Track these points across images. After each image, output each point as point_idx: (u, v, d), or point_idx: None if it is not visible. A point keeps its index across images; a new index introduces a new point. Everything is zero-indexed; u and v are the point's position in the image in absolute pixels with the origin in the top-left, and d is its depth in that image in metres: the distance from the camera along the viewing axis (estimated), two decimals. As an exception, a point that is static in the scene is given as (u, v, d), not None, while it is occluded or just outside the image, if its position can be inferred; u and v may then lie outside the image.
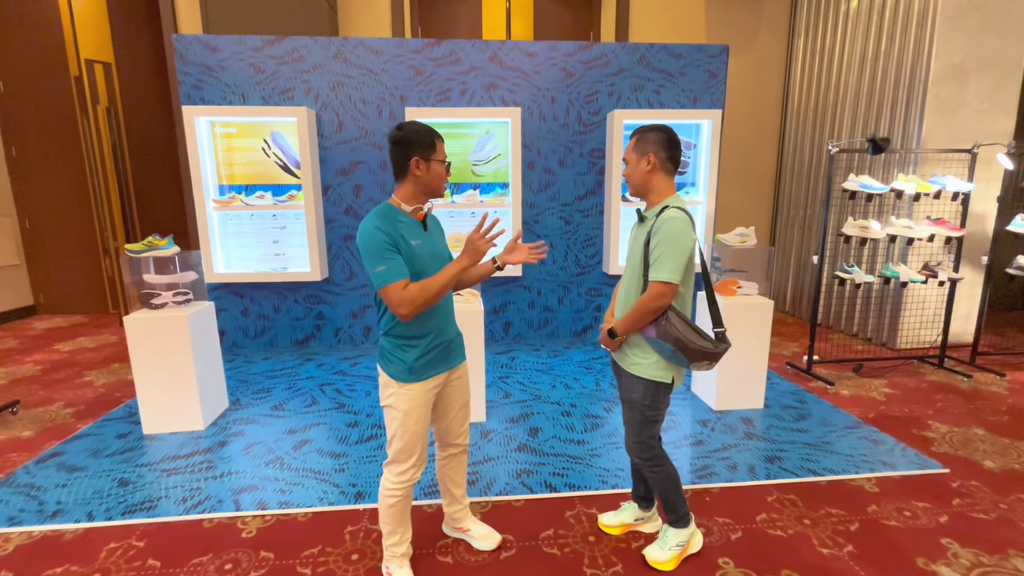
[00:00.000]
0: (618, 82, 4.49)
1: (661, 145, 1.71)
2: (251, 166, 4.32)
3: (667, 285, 1.63)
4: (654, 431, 1.85)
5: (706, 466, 2.59)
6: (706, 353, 1.68)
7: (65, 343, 4.93)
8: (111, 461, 2.66)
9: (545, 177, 4.58)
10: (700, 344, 1.67)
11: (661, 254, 1.64)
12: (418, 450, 1.74)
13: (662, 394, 1.80)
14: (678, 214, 1.65)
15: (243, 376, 3.88)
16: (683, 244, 1.64)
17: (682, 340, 1.66)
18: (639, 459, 1.88)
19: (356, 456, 2.69)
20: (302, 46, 4.21)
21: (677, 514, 1.92)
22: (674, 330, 1.66)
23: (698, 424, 3.06)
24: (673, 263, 1.63)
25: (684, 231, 1.64)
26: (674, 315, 1.68)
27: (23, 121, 5.78)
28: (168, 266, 3.02)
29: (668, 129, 1.74)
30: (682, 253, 1.64)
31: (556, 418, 3.14)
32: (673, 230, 1.63)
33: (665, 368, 1.76)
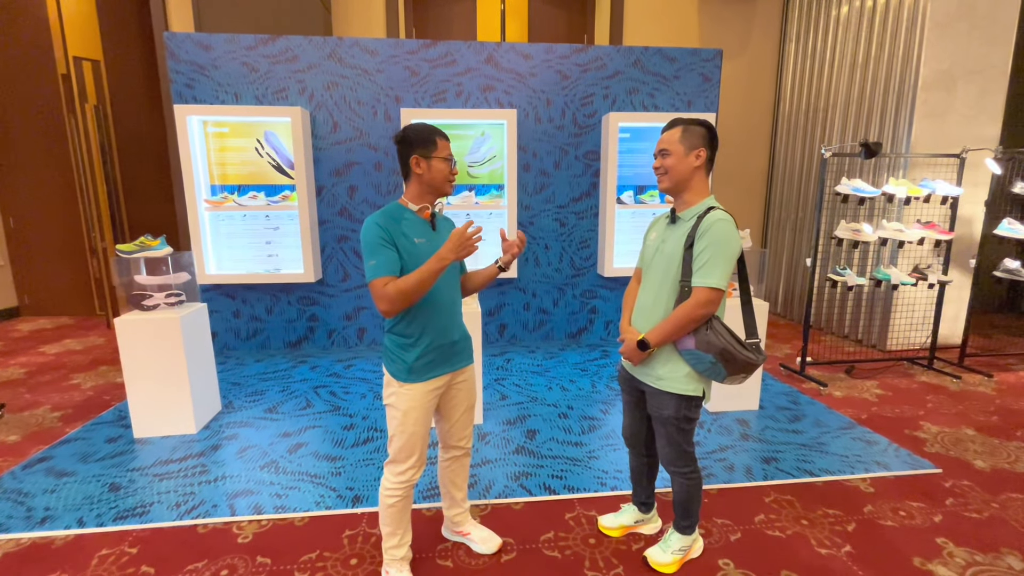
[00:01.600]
0: (613, 85, 4.51)
1: (707, 142, 1.64)
2: (244, 166, 4.27)
3: (716, 291, 1.54)
4: (690, 440, 1.78)
5: (703, 467, 2.60)
6: (748, 365, 1.61)
7: (51, 345, 4.84)
8: (101, 466, 2.61)
9: (540, 179, 4.58)
10: (745, 355, 1.59)
11: (710, 258, 1.55)
12: (418, 450, 1.72)
13: (694, 407, 1.72)
14: (726, 216, 1.59)
15: (235, 379, 3.83)
16: (733, 249, 1.57)
17: (729, 351, 1.57)
18: (674, 469, 1.80)
19: (353, 459, 2.67)
20: (296, 45, 4.17)
21: (689, 521, 1.91)
22: (719, 340, 1.57)
23: (694, 425, 3.07)
24: (723, 268, 1.55)
25: (734, 235, 1.57)
26: (719, 324, 1.59)
27: (8, 119, 5.67)
28: (160, 267, 2.97)
29: (712, 126, 1.67)
30: (731, 259, 1.57)
31: (553, 420, 3.14)
32: (723, 234, 1.55)
33: (696, 381, 1.68)
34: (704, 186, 1.67)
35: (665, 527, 2.11)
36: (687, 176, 1.64)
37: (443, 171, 1.66)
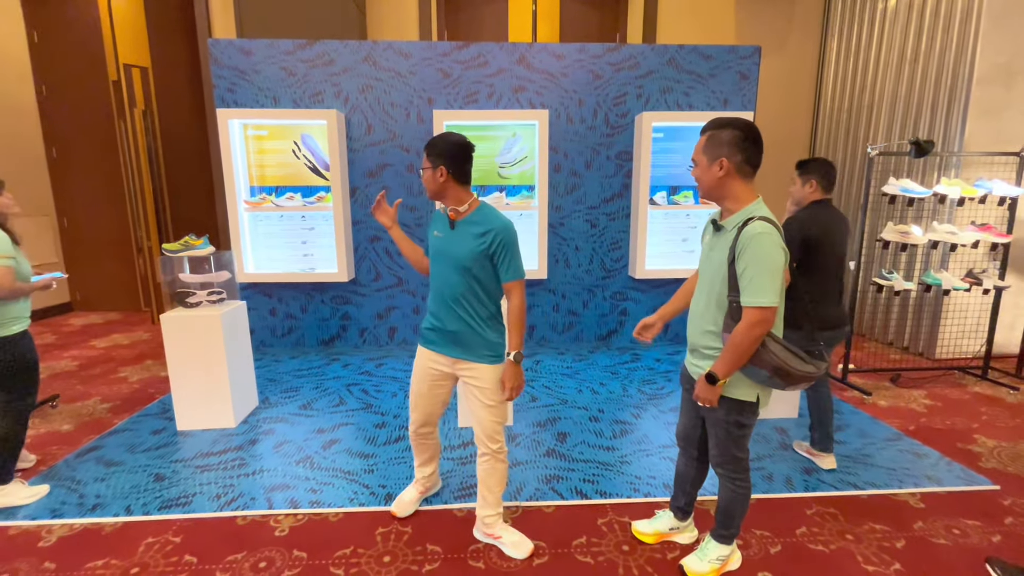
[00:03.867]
0: (646, 84, 4.44)
1: (736, 146, 1.51)
2: (281, 168, 4.38)
3: (767, 310, 1.47)
4: (743, 447, 1.72)
5: (740, 476, 2.52)
6: (808, 377, 1.54)
7: (100, 339, 5.07)
8: (147, 456, 2.71)
9: (571, 180, 4.55)
10: (803, 369, 1.52)
11: (754, 277, 1.48)
12: (416, 408, 2.09)
13: (748, 412, 1.66)
14: (765, 228, 1.47)
15: (271, 375, 3.93)
16: (776, 262, 1.48)
17: (784, 368, 1.50)
18: (723, 471, 1.77)
19: (385, 457, 2.70)
20: (332, 50, 4.26)
21: (729, 531, 1.86)
22: (773, 358, 1.51)
23: (730, 432, 2.98)
24: (768, 284, 1.46)
25: (773, 248, 1.47)
26: (772, 341, 1.52)
27: (63, 124, 5.98)
28: (203, 266, 3.07)
29: (745, 124, 1.52)
30: (776, 272, 1.48)
31: (584, 423, 3.11)
32: (762, 249, 1.46)
33: (750, 386, 1.62)
34: (744, 192, 1.57)
35: (702, 536, 2.05)
36: (715, 186, 1.58)
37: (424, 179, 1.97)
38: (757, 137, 1.54)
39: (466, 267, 1.86)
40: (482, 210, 1.90)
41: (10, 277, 2.17)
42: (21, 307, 2.32)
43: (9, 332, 2.24)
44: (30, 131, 5.88)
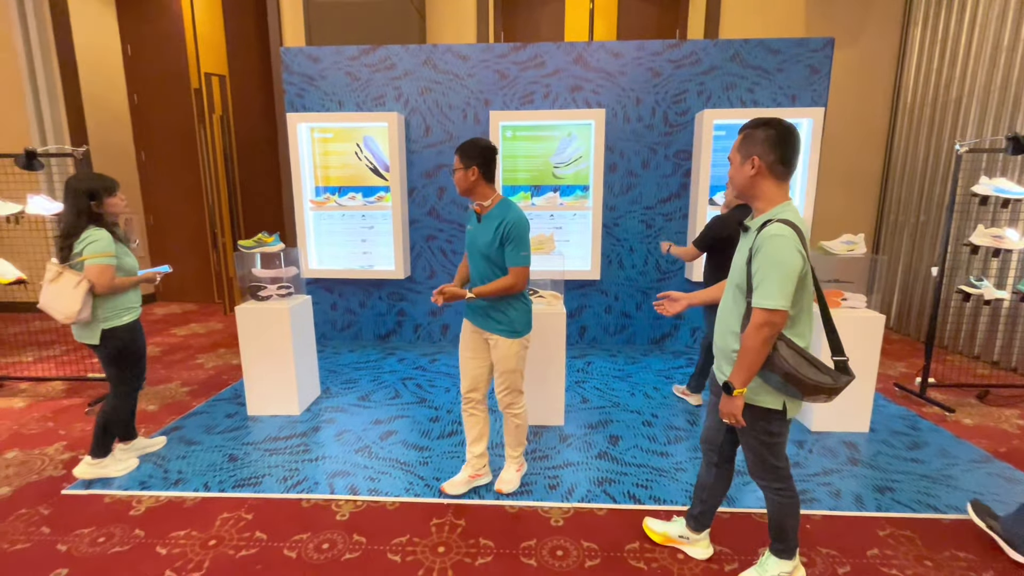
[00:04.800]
0: (708, 81, 4.31)
1: (770, 145, 1.49)
2: (344, 169, 4.58)
3: (773, 313, 1.43)
4: (778, 455, 1.67)
5: (804, 491, 2.40)
6: (821, 388, 1.48)
7: (180, 328, 5.48)
8: (221, 438, 2.91)
9: (627, 180, 4.48)
10: (816, 379, 1.47)
11: (764, 278, 1.45)
12: (462, 368, 2.34)
13: (775, 420, 1.60)
14: (782, 230, 1.44)
15: (332, 367, 4.12)
16: (789, 266, 1.42)
17: (794, 374, 1.47)
18: (762, 482, 1.72)
19: (439, 451, 2.76)
20: (394, 54, 4.40)
21: (786, 544, 1.78)
22: (784, 363, 1.47)
23: (793, 444, 2.85)
24: (778, 287, 1.42)
25: (788, 250, 1.42)
26: (784, 345, 1.49)
27: (151, 129, 6.52)
28: (273, 261, 3.26)
29: (780, 124, 1.51)
30: (788, 275, 1.43)
31: (637, 427, 3.05)
32: (775, 250, 1.43)
33: (771, 393, 1.57)
34: (775, 193, 1.54)
35: (761, 550, 1.97)
36: (747, 185, 1.56)
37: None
38: (792, 138, 1.51)
39: (486, 254, 2.12)
40: (502, 204, 2.12)
41: (108, 275, 2.30)
42: (131, 298, 2.47)
43: (120, 322, 2.40)
44: (123, 136, 6.44)
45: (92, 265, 2.28)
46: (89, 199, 2.32)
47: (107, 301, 2.36)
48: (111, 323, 2.37)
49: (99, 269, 2.29)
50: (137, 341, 2.50)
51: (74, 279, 2.26)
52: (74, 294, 2.25)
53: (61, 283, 2.27)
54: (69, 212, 2.33)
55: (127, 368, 2.48)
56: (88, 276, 2.27)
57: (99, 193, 2.34)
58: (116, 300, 2.39)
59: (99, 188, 2.34)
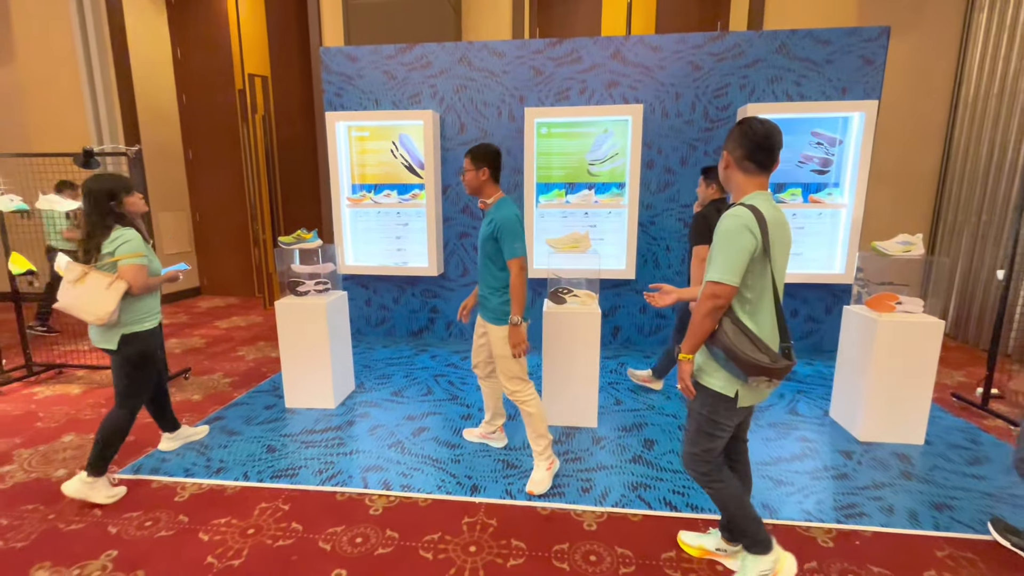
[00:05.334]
0: (752, 74, 4.15)
1: (738, 141, 1.58)
2: (380, 167, 4.64)
3: (718, 285, 1.50)
4: (710, 446, 1.71)
5: (853, 504, 2.28)
6: (760, 368, 1.50)
7: (222, 321, 5.69)
8: (260, 429, 2.99)
9: (665, 177, 4.37)
10: (752, 356, 1.50)
11: (713, 253, 1.54)
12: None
13: (723, 408, 1.64)
14: (737, 211, 1.52)
15: (366, 362, 4.18)
16: (737, 243, 1.49)
17: (732, 349, 1.52)
18: (693, 472, 1.76)
19: (470, 449, 2.76)
20: (430, 52, 4.42)
21: (751, 539, 1.78)
22: (725, 337, 1.53)
23: (840, 455, 2.71)
24: (724, 261, 1.49)
25: (737, 229, 1.49)
26: (729, 322, 1.54)
27: (198, 129, 6.78)
28: (311, 258, 3.32)
29: (751, 122, 1.58)
30: (737, 252, 1.48)
31: (672, 432, 2.97)
32: (724, 228, 1.52)
33: (726, 380, 1.61)
34: (745, 185, 1.61)
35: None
36: (723, 178, 1.68)
37: None
38: (758, 135, 1.55)
39: (481, 247, 2.37)
40: (499, 203, 2.32)
41: (144, 274, 2.28)
42: (153, 302, 2.42)
43: (143, 327, 2.34)
44: (173, 136, 6.73)
45: (128, 265, 2.24)
46: (110, 200, 2.27)
47: (131, 305, 2.30)
48: (132, 328, 2.31)
49: (135, 269, 2.25)
50: (156, 348, 2.43)
51: (105, 280, 2.20)
52: (107, 295, 2.18)
53: (89, 284, 2.19)
54: (93, 213, 2.26)
55: (140, 377, 2.37)
56: (124, 276, 2.23)
57: (118, 193, 2.29)
58: (139, 304, 2.33)
59: (118, 188, 2.30)
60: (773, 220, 1.53)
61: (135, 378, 2.36)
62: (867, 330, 2.81)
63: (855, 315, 2.95)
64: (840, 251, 4.18)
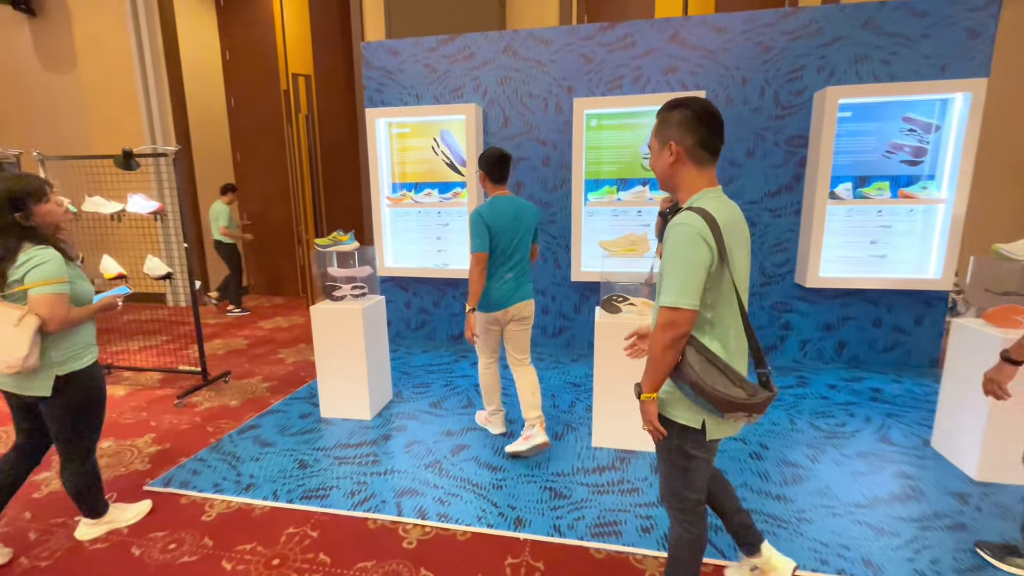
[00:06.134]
0: (831, 54, 3.68)
1: (687, 127, 1.32)
2: (421, 164, 4.46)
3: (675, 311, 1.26)
4: (690, 483, 1.45)
5: (978, 567, 1.87)
6: (733, 403, 1.26)
7: (266, 321, 5.69)
8: (294, 440, 2.85)
9: (728, 171, 3.96)
10: (724, 393, 1.26)
11: (665, 273, 1.30)
12: None
13: (691, 442, 1.40)
14: (686, 218, 1.27)
15: (405, 368, 4.01)
16: (691, 257, 1.25)
17: (700, 384, 1.28)
18: (670, 509, 1.52)
19: (514, 473, 2.50)
20: (473, 43, 4.19)
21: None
22: (690, 371, 1.29)
23: (951, 497, 2.28)
24: (677, 282, 1.26)
25: (689, 241, 1.25)
26: (692, 351, 1.31)
27: (245, 130, 6.85)
28: (348, 260, 3.16)
29: (697, 102, 1.33)
30: (692, 269, 1.25)
31: (743, 460, 2.61)
32: (674, 240, 1.28)
33: (691, 410, 1.37)
34: (695, 180, 1.36)
35: None
36: (668, 174, 1.39)
37: None
38: (711, 117, 1.32)
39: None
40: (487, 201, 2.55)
41: (62, 305, 1.76)
42: (88, 333, 1.95)
43: (81, 365, 1.88)
44: (222, 138, 6.83)
45: (40, 295, 1.72)
46: (14, 209, 1.75)
47: (62, 340, 1.82)
48: (69, 366, 1.84)
49: (50, 300, 1.73)
50: (100, 387, 1.97)
51: (13, 314, 1.70)
52: (16, 335, 1.68)
53: None
54: None
55: (85, 422, 1.93)
56: (36, 309, 1.72)
57: (26, 200, 1.77)
58: (73, 337, 1.86)
59: (26, 193, 1.77)
60: (727, 220, 1.30)
61: (82, 424, 1.93)
62: (986, 349, 2.35)
63: (969, 330, 2.49)
64: (936, 253, 3.66)
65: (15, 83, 6.51)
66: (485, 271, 2.50)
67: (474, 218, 2.45)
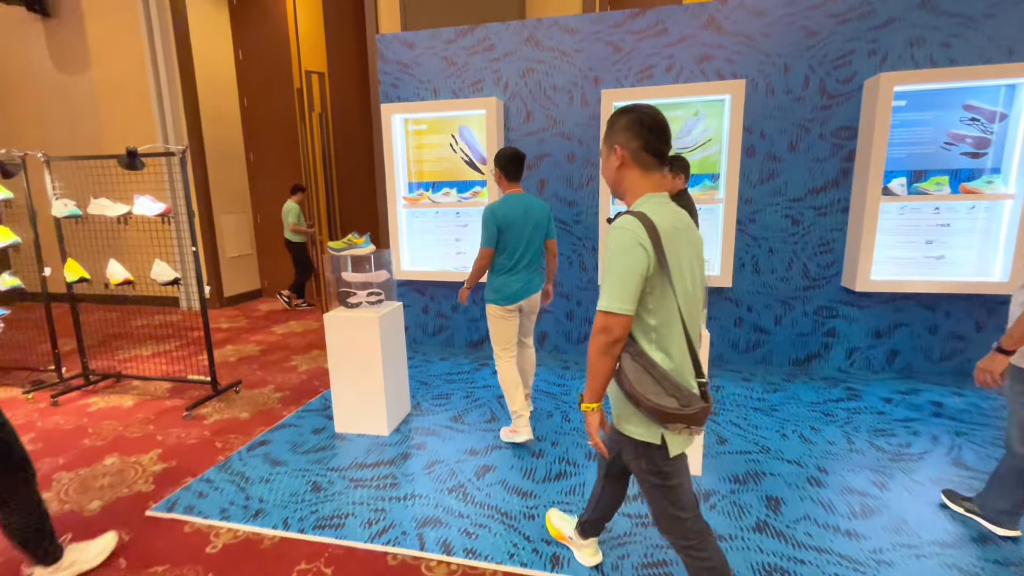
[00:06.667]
0: (884, 37, 3.38)
1: (632, 132, 1.34)
2: (439, 163, 4.25)
3: (609, 315, 1.27)
4: (677, 502, 1.40)
5: (1100, 623, 1.59)
6: (667, 414, 1.25)
7: (279, 326, 5.53)
8: (307, 459, 2.65)
9: (769, 165, 3.68)
10: (655, 402, 1.25)
11: (603, 277, 1.31)
12: None
13: (659, 458, 1.36)
14: (624, 222, 1.28)
15: (423, 377, 3.80)
16: (626, 262, 1.25)
17: (633, 394, 1.28)
18: (669, 538, 1.47)
19: (546, 499, 2.27)
20: (493, 33, 3.97)
21: None
22: (625, 380, 1.30)
23: (1048, 534, 1.99)
24: (613, 285, 1.27)
25: (624, 244, 1.26)
26: (628, 358, 1.31)
27: (258, 130, 6.72)
28: (364, 265, 2.96)
29: (643, 108, 1.34)
30: (626, 274, 1.25)
31: (801, 487, 2.34)
32: (612, 245, 1.29)
33: (646, 424, 1.34)
34: (639, 185, 1.37)
35: None
36: (615, 178, 1.41)
37: None
38: (655, 122, 1.33)
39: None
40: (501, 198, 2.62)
41: None
42: None
43: None
44: (235, 139, 6.70)
45: None
46: None
47: None
48: None
49: None
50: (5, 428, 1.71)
51: None
52: None
53: None
54: None
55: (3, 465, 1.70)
56: None
57: None
58: None
59: None
60: (668, 226, 1.29)
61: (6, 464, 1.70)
62: None
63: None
64: (1002, 253, 3.34)
65: (31, 83, 6.45)
66: (487, 265, 2.65)
67: (486, 213, 2.55)
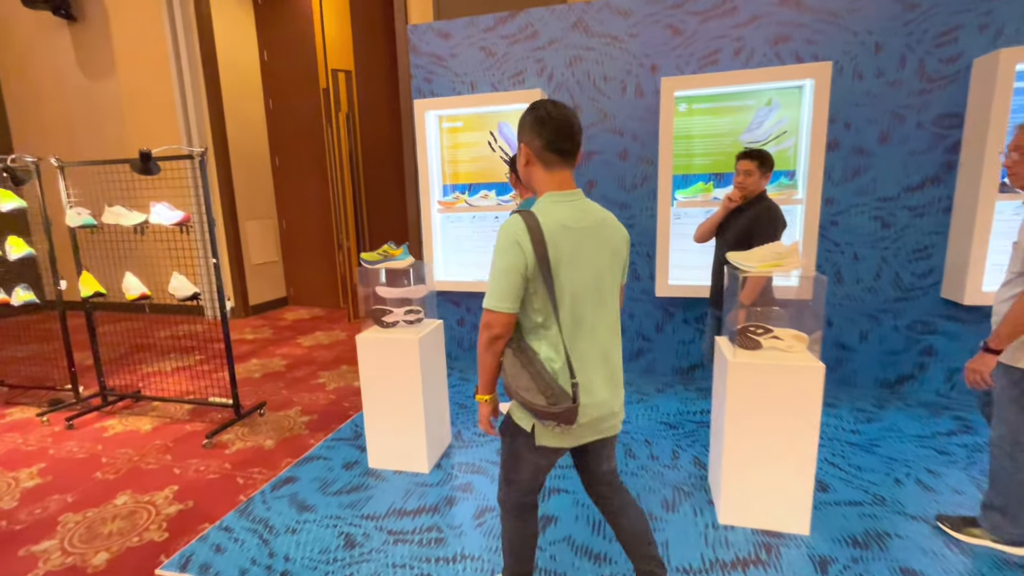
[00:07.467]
0: (998, 8, 2.90)
1: (534, 130, 1.30)
2: (475, 163, 3.90)
3: (489, 313, 1.28)
4: (515, 478, 1.45)
5: None
6: (535, 410, 1.26)
7: (305, 337, 5.27)
8: (338, 503, 2.32)
9: (854, 160, 3.22)
10: (525, 398, 1.27)
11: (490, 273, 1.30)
12: None
13: (521, 440, 1.38)
14: (508, 222, 1.28)
15: (461, 399, 3.45)
16: (504, 262, 1.25)
17: (509, 387, 1.31)
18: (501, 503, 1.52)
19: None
20: (537, 19, 3.61)
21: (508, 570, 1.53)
22: (504, 373, 1.33)
23: None
24: (493, 284, 1.27)
25: (504, 244, 1.25)
26: (509, 353, 1.32)
27: (284, 133, 6.49)
28: (400, 279, 2.62)
29: (544, 105, 1.29)
30: (504, 273, 1.25)
31: (938, 553, 1.90)
32: (497, 243, 1.28)
33: (522, 410, 1.36)
34: (543, 183, 1.35)
35: None
36: (525, 175, 1.39)
37: None
38: (556, 120, 1.28)
39: None
40: None
41: None
42: None
43: None
44: (260, 142, 6.49)
45: None
46: None
47: None
48: None
49: None
50: None
51: None
52: None
53: None
54: None
55: None
56: None
57: None
58: None
59: None
60: (556, 225, 1.27)
61: None
62: None
63: None
64: None
65: (58, 88, 6.35)
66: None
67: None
